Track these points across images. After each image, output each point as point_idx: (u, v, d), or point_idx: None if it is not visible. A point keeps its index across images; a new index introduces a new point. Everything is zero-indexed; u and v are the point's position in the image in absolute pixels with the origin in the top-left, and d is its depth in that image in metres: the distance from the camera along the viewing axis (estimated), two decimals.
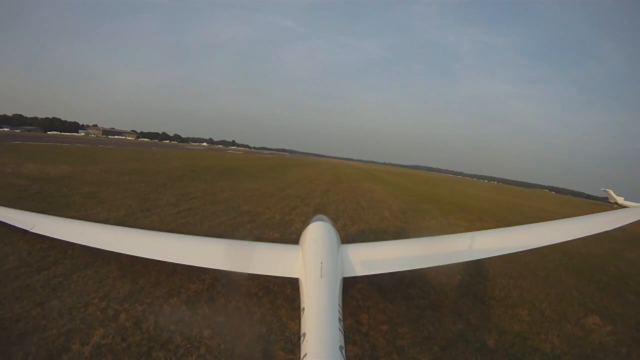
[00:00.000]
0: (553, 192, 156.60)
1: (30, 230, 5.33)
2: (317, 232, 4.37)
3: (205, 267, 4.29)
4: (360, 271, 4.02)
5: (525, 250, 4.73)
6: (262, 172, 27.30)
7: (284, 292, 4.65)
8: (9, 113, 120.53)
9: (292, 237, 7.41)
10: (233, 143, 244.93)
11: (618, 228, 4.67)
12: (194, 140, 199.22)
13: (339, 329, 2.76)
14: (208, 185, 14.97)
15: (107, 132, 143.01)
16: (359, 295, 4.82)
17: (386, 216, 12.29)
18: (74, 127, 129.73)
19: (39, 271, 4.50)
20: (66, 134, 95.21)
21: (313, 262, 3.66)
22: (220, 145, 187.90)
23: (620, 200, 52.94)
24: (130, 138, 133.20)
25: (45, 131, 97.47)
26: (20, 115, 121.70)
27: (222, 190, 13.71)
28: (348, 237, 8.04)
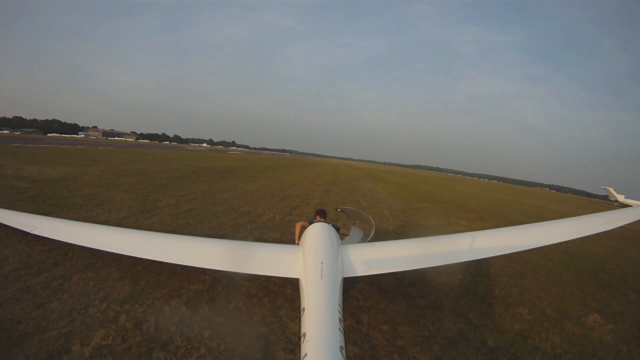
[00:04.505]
0: (554, 191, 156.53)
1: (31, 232, 5.34)
2: (317, 233, 4.37)
3: (206, 268, 4.30)
4: (360, 271, 4.02)
5: (525, 250, 4.73)
6: (262, 172, 27.31)
7: (284, 293, 4.65)
8: (9, 115, 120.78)
9: (292, 237, 7.40)
10: (233, 144, 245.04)
11: (618, 227, 4.67)
12: (194, 141, 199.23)
13: (339, 329, 2.76)
14: (208, 186, 14.98)
15: (107, 133, 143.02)
16: (359, 295, 4.82)
17: (386, 215, 12.29)
18: (74, 129, 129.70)
19: (39, 273, 4.51)
20: (66, 135, 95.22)
21: (313, 263, 3.66)
22: (221, 146, 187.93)
23: (620, 198, 52.88)
24: (130, 139, 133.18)
25: (45, 133, 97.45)
26: (20, 118, 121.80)
27: (222, 191, 13.72)
28: None
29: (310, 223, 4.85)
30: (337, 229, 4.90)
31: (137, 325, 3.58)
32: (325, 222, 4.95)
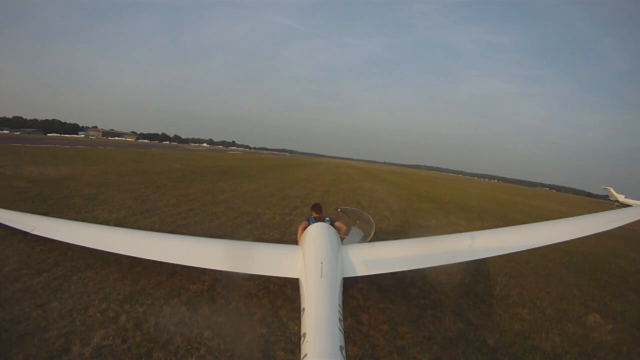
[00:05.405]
0: (554, 190, 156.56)
1: (31, 232, 5.35)
2: (317, 233, 4.37)
3: (206, 268, 4.30)
4: (360, 271, 4.02)
5: (525, 250, 4.73)
6: (262, 172, 27.30)
7: (284, 293, 4.65)
8: (9, 115, 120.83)
9: (292, 237, 7.41)
10: (233, 143, 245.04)
11: (618, 227, 4.67)
12: (194, 141, 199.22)
13: (339, 329, 2.76)
14: (208, 186, 14.98)
15: (107, 133, 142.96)
16: (359, 295, 4.82)
17: (386, 215, 12.29)
18: (74, 128, 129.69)
19: (39, 273, 4.51)
20: (66, 135, 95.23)
21: (313, 263, 3.66)
22: (221, 146, 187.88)
23: (620, 198, 52.85)
24: (130, 139, 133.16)
25: (45, 133, 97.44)
26: (20, 117, 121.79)
27: (222, 191, 13.72)
28: None
29: (308, 220, 4.91)
30: (332, 222, 4.96)
31: (137, 326, 3.58)
32: (321, 216, 5.04)
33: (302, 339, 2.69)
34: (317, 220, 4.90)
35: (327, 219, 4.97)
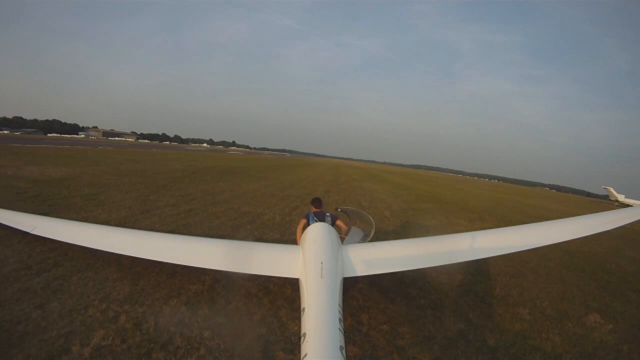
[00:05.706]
0: (554, 190, 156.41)
1: (31, 233, 5.35)
2: (317, 233, 4.37)
3: (206, 268, 4.29)
4: (360, 271, 4.02)
5: (525, 250, 4.73)
6: (263, 172, 27.30)
7: (284, 293, 4.65)
8: (9, 115, 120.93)
9: (292, 237, 7.41)
10: (233, 144, 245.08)
11: (618, 227, 4.67)
12: (194, 141, 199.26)
13: (339, 329, 2.76)
14: (208, 186, 14.98)
15: (107, 133, 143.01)
16: (359, 295, 4.82)
17: (387, 215, 12.29)
18: (74, 129, 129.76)
19: (39, 273, 4.51)
20: (66, 136, 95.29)
21: (313, 263, 3.66)
22: (221, 146, 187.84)
23: (621, 197, 52.85)
24: (130, 139, 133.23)
25: (46, 133, 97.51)
26: (20, 118, 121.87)
27: (222, 191, 13.72)
28: None
29: (308, 217, 4.91)
30: (334, 219, 4.98)
31: (136, 326, 3.58)
32: (321, 211, 5.05)
33: (302, 339, 2.69)
34: (316, 215, 4.90)
35: (328, 215, 4.97)
